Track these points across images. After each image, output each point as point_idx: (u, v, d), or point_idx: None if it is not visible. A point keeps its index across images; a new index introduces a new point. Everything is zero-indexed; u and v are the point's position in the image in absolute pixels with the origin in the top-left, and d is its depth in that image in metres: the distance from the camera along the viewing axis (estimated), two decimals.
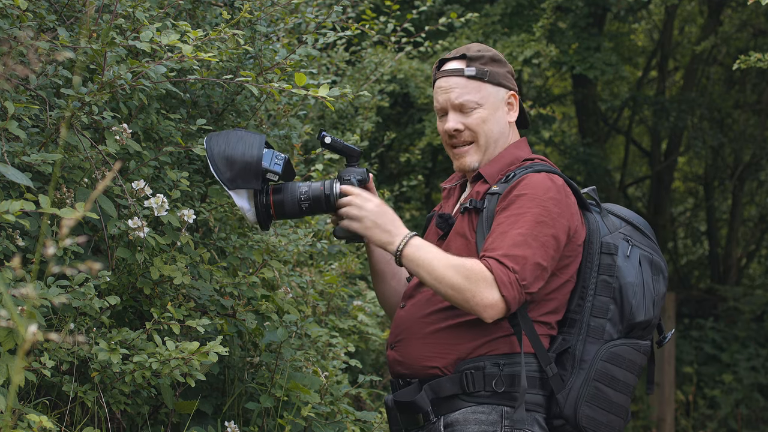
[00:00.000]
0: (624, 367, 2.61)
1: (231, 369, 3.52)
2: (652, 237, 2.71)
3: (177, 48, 2.77)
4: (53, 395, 2.85)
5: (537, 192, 2.55)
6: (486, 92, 2.69)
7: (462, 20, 5.66)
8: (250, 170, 2.60)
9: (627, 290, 2.60)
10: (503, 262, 2.47)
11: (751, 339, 10.51)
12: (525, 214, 2.52)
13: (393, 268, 2.87)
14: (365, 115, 5.90)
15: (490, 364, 2.57)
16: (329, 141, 2.72)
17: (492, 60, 2.71)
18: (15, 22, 2.69)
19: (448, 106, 2.71)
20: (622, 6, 9.90)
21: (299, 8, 3.55)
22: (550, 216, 2.53)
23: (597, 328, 2.60)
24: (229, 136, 2.64)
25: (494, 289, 2.46)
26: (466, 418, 2.57)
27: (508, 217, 2.54)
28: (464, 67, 2.69)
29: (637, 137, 13.15)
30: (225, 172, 2.60)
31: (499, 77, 2.70)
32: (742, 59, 4.31)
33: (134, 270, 2.95)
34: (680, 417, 10.10)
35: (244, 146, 2.61)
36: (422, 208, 10.48)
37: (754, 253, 12.78)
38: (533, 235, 2.50)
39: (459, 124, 2.69)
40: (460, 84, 2.69)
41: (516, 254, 2.48)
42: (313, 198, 2.66)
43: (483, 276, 2.46)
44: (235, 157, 2.60)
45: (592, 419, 2.58)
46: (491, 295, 2.46)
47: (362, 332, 4.87)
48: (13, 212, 2.33)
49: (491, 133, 2.69)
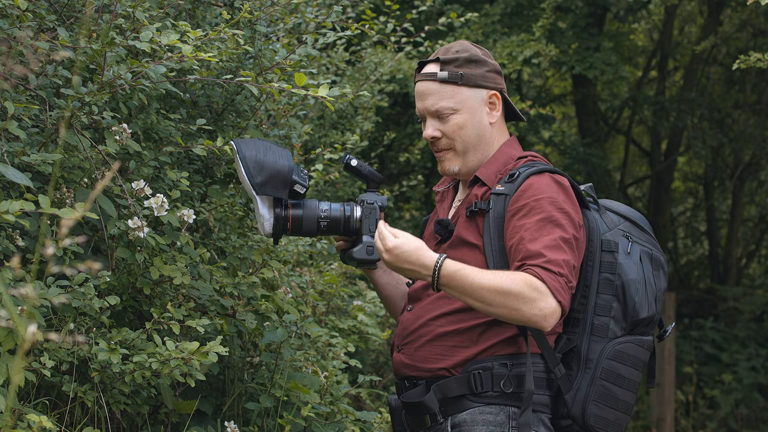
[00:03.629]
0: (629, 364, 2.61)
1: (231, 369, 3.52)
2: (650, 232, 2.71)
3: (177, 48, 2.77)
4: (53, 395, 2.85)
5: (552, 195, 2.54)
6: (461, 96, 2.65)
7: (462, 20, 5.66)
8: (279, 178, 2.59)
9: (629, 287, 2.60)
10: (549, 268, 2.45)
11: (750, 339, 10.51)
12: (549, 217, 2.51)
13: (400, 290, 2.87)
14: (365, 115, 5.90)
15: (498, 365, 2.56)
16: (355, 164, 2.70)
17: (468, 61, 2.66)
18: (15, 22, 2.69)
19: (425, 113, 2.69)
20: (621, 6, 9.89)
21: (299, 8, 3.55)
22: (569, 217, 2.53)
23: (601, 326, 2.60)
24: (258, 144, 2.63)
25: (550, 297, 2.42)
26: (473, 419, 2.57)
27: (533, 223, 2.51)
28: (437, 71, 2.66)
29: (637, 137, 13.15)
30: (256, 176, 2.58)
31: (475, 79, 2.65)
32: (742, 59, 4.31)
33: (134, 270, 2.95)
34: (680, 417, 10.10)
35: (274, 155, 2.60)
36: (422, 208, 10.47)
37: (754, 253, 12.78)
38: (563, 238, 2.50)
39: (436, 131, 2.68)
40: (434, 90, 2.66)
41: (557, 259, 2.46)
42: (333, 218, 2.65)
43: (535, 287, 2.42)
44: (267, 163, 2.58)
45: (600, 418, 2.58)
46: (548, 303, 2.42)
47: (362, 332, 4.87)
48: (13, 212, 2.33)
49: (469, 139, 2.67)
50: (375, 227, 2.65)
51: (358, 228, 2.67)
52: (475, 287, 2.43)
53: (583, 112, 11.76)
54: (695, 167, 13.48)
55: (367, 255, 2.64)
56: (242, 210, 3.45)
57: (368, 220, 2.67)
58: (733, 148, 11.84)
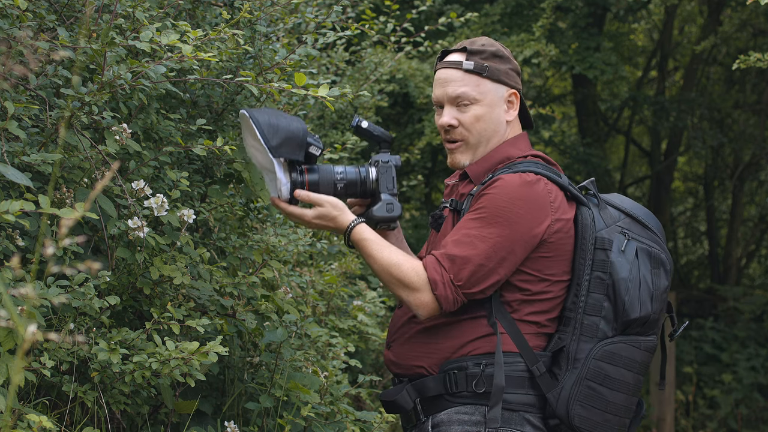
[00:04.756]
0: (620, 365, 2.56)
1: (231, 369, 3.52)
2: (654, 229, 2.64)
3: (177, 48, 2.77)
4: (53, 395, 2.85)
5: (500, 193, 2.53)
6: (484, 88, 2.64)
7: (462, 20, 5.66)
8: (295, 140, 2.59)
9: (620, 286, 2.55)
10: (440, 261, 2.51)
11: (750, 339, 10.50)
12: (480, 214, 2.53)
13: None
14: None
15: (473, 364, 2.55)
16: (366, 125, 2.71)
17: (494, 55, 2.65)
18: (15, 22, 2.68)
19: (444, 99, 2.67)
20: (621, 6, 9.89)
21: (299, 8, 3.55)
22: (507, 216, 2.51)
23: (590, 326, 2.56)
24: (269, 111, 2.64)
25: (427, 289, 2.51)
26: (450, 419, 2.57)
27: (465, 220, 2.55)
28: (463, 60, 2.65)
29: (637, 137, 13.15)
30: (272, 139, 2.57)
31: (499, 74, 2.65)
32: (742, 59, 4.31)
33: (134, 270, 2.94)
34: (680, 417, 10.09)
35: (287, 119, 2.61)
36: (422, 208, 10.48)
37: (754, 253, 12.78)
38: (481, 236, 2.50)
39: (453, 119, 2.66)
40: (458, 77, 2.65)
41: (455, 254, 2.50)
42: (349, 180, 2.67)
43: (419, 276, 2.52)
44: (281, 126, 2.58)
45: (585, 419, 2.55)
46: (424, 295, 2.51)
47: (362, 332, 4.87)
48: (12, 212, 2.33)
49: (484, 132, 2.66)
50: (392, 185, 2.69)
51: (374, 189, 2.69)
52: (374, 257, 2.56)
53: (583, 112, 11.76)
54: (695, 167, 13.48)
55: (387, 212, 2.66)
56: (242, 210, 3.45)
57: (384, 178, 2.68)
58: (733, 148, 11.84)
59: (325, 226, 2.64)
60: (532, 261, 2.55)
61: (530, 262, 2.55)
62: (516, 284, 2.56)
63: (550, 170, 2.62)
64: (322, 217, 2.61)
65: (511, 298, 2.56)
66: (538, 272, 2.55)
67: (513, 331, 2.55)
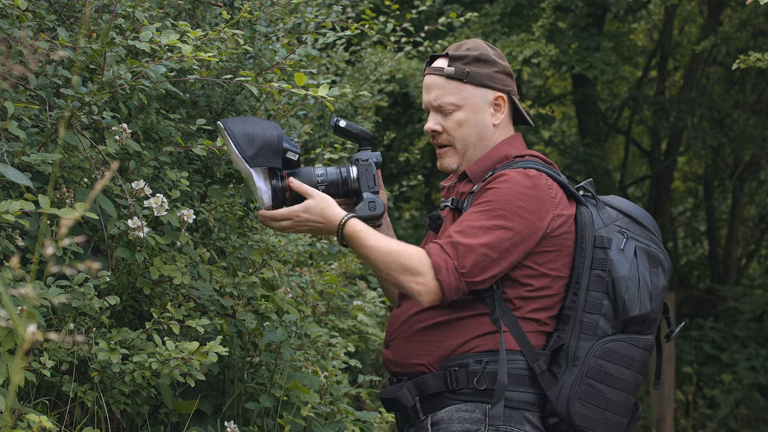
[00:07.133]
0: (620, 363, 2.57)
1: (231, 369, 3.52)
2: (652, 229, 2.66)
3: (177, 48, 2.77)
4: (53, 395, 2.85)
5: (505, 187, 2.54)
6: (466, 93, 2.66)
7: (461, 20, 5.66)
8: (271, 147, 2.60)
9: (619, 285, 2.56)
10: (444, 248, 2.50)
11: (750, 339, 10.51)
12: (484, 207, 2.54)
13: None
14: (365, 115, 5.90)
15: (474, 362, 2.55)
16: (344, 125, 2.72)
17: (476, 60, 2.67)
18: (14, 22, 2.68)
19: (429, 106, 2.72)
20: (621, 6, 9.90)
21: (299, 8, 3.55)
22: (511, 210, 2.52)
23: (590, 324, 2.56)
24: (245, 119, 2.66)
25: (430, 274, 2.49)
26: (450, 416, 2.56)
27: (469, 213, 2.56)
28: (445, 66, 2.68)
29: (637, 137, 13.15)
30: (247, 149, 2.59)
31: (482, 78, 2.66)
32: (742, 59, 4.31)
33: (134, 270, 2.94)
34: (680, 417, 10.10)
35: (262, 127, 2.62)
36: (422, 208, 10.48)
37: (754, 253, 12.78)
38: (485, 227, 2.51)
39: (437, 125, 2.70)
40: (440, 84, 2.67)
41: (459, 242, 2.50)
42: (330, 182, 2.68)
43: (422, 261, 2.49)
44: (256, 134, 2.60)
45: (586, 417, 2.55)
46: (427, 280, 2.49)
47: (362, 332, 4.87)
48: (12, 212, 2.33)
49: (468, 137, 2.68)
50: (373, 183, 2.70)
51: (356, 188, 2.70)
52: (372, 247, 2.53)
53: (583, 112, 11.76)
54: (695, 167, 13.48)
55: (370, 211, 2.66)
56: (242, 210, 3.45)
57: (365, 177, 2.69)
58: (733, 148, 11.85)
59: (313, 222, 2.62)
60: (535, 255, 2.56)
61: (534, 256, 2.56)
62: (519, 279, 2.57)
63: (550, 168, 2.65)
64: (310, 210, 2.61)
65: (513, 295, 2.57)
66: (540, 266, 2.57)
67: (515, 329, 2.55)
